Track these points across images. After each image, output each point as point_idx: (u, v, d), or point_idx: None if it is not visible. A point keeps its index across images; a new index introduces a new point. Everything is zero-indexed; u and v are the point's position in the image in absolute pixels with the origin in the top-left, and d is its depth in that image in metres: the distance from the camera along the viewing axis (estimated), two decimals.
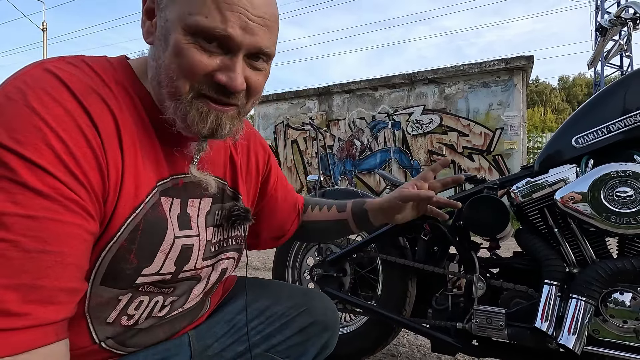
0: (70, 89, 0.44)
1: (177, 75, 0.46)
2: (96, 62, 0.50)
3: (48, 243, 0.39)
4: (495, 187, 1.17)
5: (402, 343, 1.66)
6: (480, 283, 1.10)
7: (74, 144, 0.42)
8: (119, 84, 0.50)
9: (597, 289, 0.91)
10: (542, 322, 0.94)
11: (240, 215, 0.63)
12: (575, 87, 34.02)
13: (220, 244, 0.64)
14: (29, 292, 0.38)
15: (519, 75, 6.44)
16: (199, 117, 0.48)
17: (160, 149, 0.53)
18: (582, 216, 0.94)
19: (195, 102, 0.48)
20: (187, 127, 0.49)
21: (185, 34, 0.45)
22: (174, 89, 0.47)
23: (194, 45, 0.45)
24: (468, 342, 1.13)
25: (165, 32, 0.47)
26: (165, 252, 0.53)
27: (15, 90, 0.42)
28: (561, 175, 1.01)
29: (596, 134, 1.01)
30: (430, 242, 1.30)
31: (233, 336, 0.70)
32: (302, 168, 8.30)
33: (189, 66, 0.46)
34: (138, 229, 0.49)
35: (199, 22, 0.44)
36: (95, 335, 0.52)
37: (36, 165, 0.39)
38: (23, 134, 0.39)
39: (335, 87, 7.97)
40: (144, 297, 0.54)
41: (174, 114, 0.49)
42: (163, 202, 0.53)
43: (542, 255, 1.01)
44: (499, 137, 6.57)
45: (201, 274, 0.61)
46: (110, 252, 0.47)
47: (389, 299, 1.34)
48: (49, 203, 0.39)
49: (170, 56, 0.46)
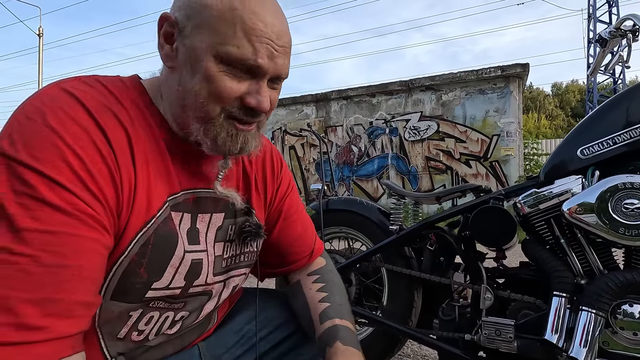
0: (86, 107, 0.46)
1: (207, 100, 0.49)
2: (110, 82, 0.51)
3: (66, 257, 0.40)
4: (501, 198, 1.17)
5: (407, 353, 1.65)
6: (488, 294, 1.10)
7: (90, 160, 0.44)
8: (132, 103, 0.52)
9: (607, 300, 0.91)
10: (553, 334, 0.93)
11: (251, 231, 0.63)
12: (568, 94, 34.47)
13: (232, 260, 0.63)
14: (47, 305, 0.39)
15: (515, 82, 6.52)
16: (229, 139, 0.51)
17: (172, 164, 0.54)
18: (590, 227, 0.94)
19: (225, 125, 0.51)
20: (216, 148, 0.52)
21: (216, 63, 0.48)
22: (204, 114, 0.50)
23: (224, 73, 0.48)
24: (475, 353, 1.12)
25: (193, 60, 0.49)
26: (175, 267, 0.53)
27: (34, 109, 0.44)
28: (567, 187, 1.01)
29: (602, 145, 1.02)
30: (436, 252, 1.30)
31: (243, 346, 0.69)
32: (299, 174, 8.30)
33: (220, 92, 0.49)
34: (149, 243, 0.50)
35: (231, 53, 0.47)
36: (106, 351, 0.52)
37: (54, 181, 0.41)
38: (42, 151, 0.41)
39: (333, 93, 8.01)
40: (154, 313, 0.54)
41: (203, 136, 0.51)
42: (174, 217, 0.54)
43: (550, 266, 1.01)
44: (495, 144, 6.62)
45: (213, 290, 0.61)
46: (121, 267, 0.48)
47: (395, 309, 1.34)
48: (66, 218, 0.41)
49: (201, 83, 0.48)
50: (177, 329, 0.59)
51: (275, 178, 0.71)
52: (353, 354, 0.59)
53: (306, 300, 0.70)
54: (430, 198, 1.40)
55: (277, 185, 0.71)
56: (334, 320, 0.64)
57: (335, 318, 0.65)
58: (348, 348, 0.60)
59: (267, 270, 0.75)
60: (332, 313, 0.66)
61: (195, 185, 0.57)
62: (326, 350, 0.61)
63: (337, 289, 0.72)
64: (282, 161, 0.73)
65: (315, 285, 0.71)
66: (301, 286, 0.72)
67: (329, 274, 0.75)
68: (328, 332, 0.63)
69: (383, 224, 1.40)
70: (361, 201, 1.51)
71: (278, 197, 0.71)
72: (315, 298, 0.69)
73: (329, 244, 1.58)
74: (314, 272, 0.74)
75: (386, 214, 1.44)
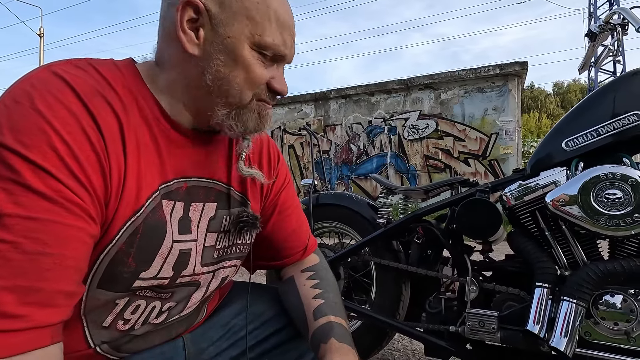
0: (76, 91, 0.44)
1: (242, 86, 0.53)
2: (103, 65, 0.50)
3: (48, 245, 0.39)
4: (487, 190, 1.17)
5: (397, 348, 1.65)
6: (473, 286, 1.10)
7: (78, 146, 0.43)
8: (125, 87, 0.50)
9: (588, 291, 0.91)
10: (534, 324, 0.94)
11: (248, 221, 0.62)
12: (569, 93, 34.38)
13: (224, 251, 0.63)
14: (27, 294, 0.38)
15: (513, 80, 6.51)
16: (260, 119, 0.56)
17: (165, 152, 0.53)
18: (573, 218, 0.94)
19: (256, 107, 0.56)
20: (246, 129, 0.56)
21: (252, 51, 0.52)
22: (238, 99, 0.53)
23: (257, 61, 0.53)
24: (461, 345, 1.12)
25: (230, 48, 0.51)
26: (164, 257, 0.52)
27: (23, 92, 0.42)
28: (552, 178, 1.02)
29: (586, 137, 1.02)
30: (423, 246, 1.30)
31: (229, 340, 0.69)
32: (299, 173, 8.31)
33: (254, 78, 0.53)
34: (137, 232, 0.49)
35: (268, 43, 0.52)
36: (90, 340, 0.51)
37: (40, 167, 0.40)
38: (28, 136, 0.40)
39: (332, 92, 8.01)
40: (140, 302, 0.54)
41: (234, 120, 0.54)
42: (164, 206, 0.53)
43: (533, 257, 1.01)
44: (494, 142, 6.61)
45: (200, 280, 0.60)
46: (109, 255, 0.47)
47: (383, 302, 1.34)
48: (51, 205, 0.40)
49: (236, 69, 0.52)
50: (164, 319, 0.58)
51: (272, 171, 0.70)
52: (347, 350, 0.59)
53: (300, 296, 0.69)
54: (418, 192, 1.40)
55: (274, 178, 0.71)
56: (329, 317, 0.64)
57: (330, 315, 0.64)
58: (343, 345, 0.59)
59: (260, 262, 0.74)
60: (326, 310, 0.65)
61: (188, 173, 0.56)
62: (320, 347, 0.60)
63: (331, 286, 0.72)
64: (280, 155, 0.73)
65: (310, 282, 0.71)
66: (295, 282, 0.72)
67: (323, 271, 0.74)
68: (322, 328, 0.63)
69: (372, 218, 1.41)
70: (350, 195, 1.51)
71: (274, 190, 0.71)
72: (309, 294, 0.68)
73: (319, 238, 1.58)
74: (308, 269, 0.73)
75: (375, 208, 1.44)
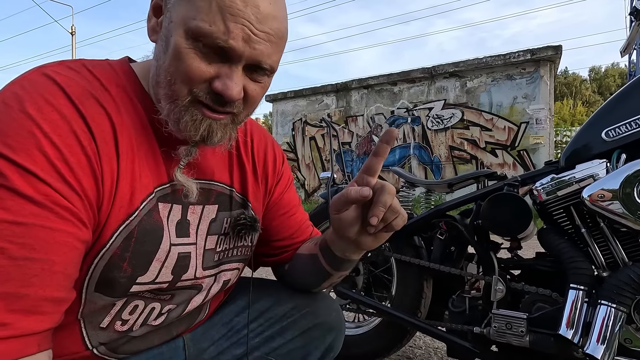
0: (67, 93, 0.43)
1: (175, 78, 0.46)
2: (96, 66, 0.49)
3: (36, 250, 0.38)
4: (516, 184, 1.10)
5: (419, 345, 1.61)
6: (500, 285, 1.04)
7: (68, 150, 0.41)
8: (119, 87, 0.49)
9: (630, 294, 0.84)
10: (568, 329, 0.87)
11: (246, 224, 0.61)
12: (607, 78, 32.39)
13: (225, 254, 0.62)
14: (12, 301, 0.37)
15: (545, 66, 6.17)
16: (192, 124, 0.47)
17: (161, 153, 0.52)
18: (613, 215, 0.87)
19: (190, 108, 0.47)
20: (178, 131, 0.49)
21: (186, 38, 0.44)
22: (171, 92, 0.47)
23: (193, 51, 0.44)
24: (486, 347, 1.07)
25: (167, 33, 0.46)
26: (161, 261, 0.51)
27: (12, 95, 0.42)
28: (590, 171, 0.93)
29: (629, 126, 0.93)
30: (447, 242, 1.25)
31: (231, 339, 0.67)
32: (320, 165, 8.28)
33: (187, 71, 0.45)
34: (132, 237, 0.48)
35: (201, 29, 0.43)
36: (88, 341, 0.51)
37: (28, 171, 0.39)
38: (16, 139, 0.39)
39: (353, 82, 7.89)
40: (139, 302, 0.53)
41: (167, 116, 0.48)
42: (160, 209, 0.52)
43: (567, 257, 0.94)
44: (524, 132, 6.32)
45: (202, 284, 0.59)
46: (103, 260, 0.46)
47: (404, 300, 1.30)
48: (39, 210, 0.39)
49: (170, 58, 0.45)
50: (163, 320, 0.57)
51: (276, 171, 0.69)
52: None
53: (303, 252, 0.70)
54: (442, 185, 1.34)
55: (278, 179, 0.70)
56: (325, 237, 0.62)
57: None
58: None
59: (262, 259, 0.73)
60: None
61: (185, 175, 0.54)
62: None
63: None
64: (284, 155, 0.72)
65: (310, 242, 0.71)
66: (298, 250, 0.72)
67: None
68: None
69: None
70: None
71: (277, 190, 0.70)
72: (309, 245, 0.70)
73: None
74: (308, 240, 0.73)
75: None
